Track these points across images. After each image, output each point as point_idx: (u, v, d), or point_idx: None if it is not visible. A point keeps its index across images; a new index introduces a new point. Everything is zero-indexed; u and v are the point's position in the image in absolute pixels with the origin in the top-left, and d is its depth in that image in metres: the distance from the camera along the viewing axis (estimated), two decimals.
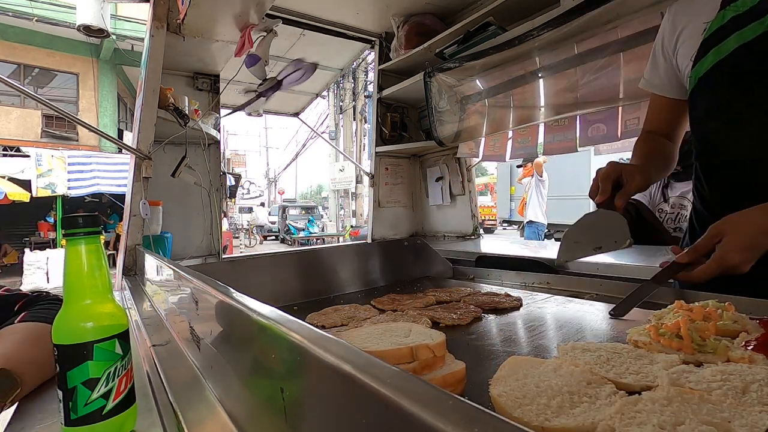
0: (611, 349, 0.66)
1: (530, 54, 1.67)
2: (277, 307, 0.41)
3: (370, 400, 0.24)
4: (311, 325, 0.36)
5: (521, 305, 1.11)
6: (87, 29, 5.16)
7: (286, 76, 1.73)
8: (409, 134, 2.57)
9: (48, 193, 7.95)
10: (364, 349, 0.38)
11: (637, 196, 1.99)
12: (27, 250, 7.83)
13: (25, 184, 8.02)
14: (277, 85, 1.73)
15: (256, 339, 0.42)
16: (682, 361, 0.61)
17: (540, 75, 1.72)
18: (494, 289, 1.34)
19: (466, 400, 0.21)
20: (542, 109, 1.74)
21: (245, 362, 0.45)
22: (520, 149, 2.15)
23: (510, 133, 2.16)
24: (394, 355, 0.61)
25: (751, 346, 0.61)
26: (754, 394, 0.48)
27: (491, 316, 1.04)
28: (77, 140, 10.23)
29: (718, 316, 0.72)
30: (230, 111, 2.08)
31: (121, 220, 8.68)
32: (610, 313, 0.93)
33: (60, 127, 9.93)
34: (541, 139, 2.02)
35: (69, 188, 8.04)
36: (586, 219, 1.00)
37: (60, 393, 0.46)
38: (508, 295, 1.18)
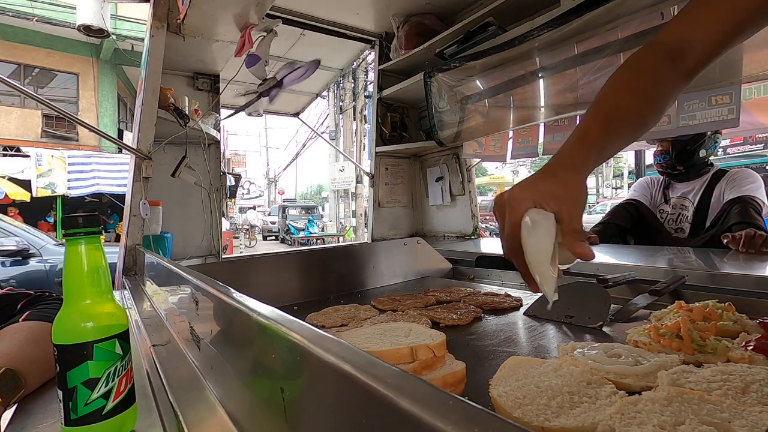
0: (611, 349, 0.66)
1: (530, 54, 1.67)
2: (277, 307, 0.41)
3: (370, 400, 0.24)
4: (311, 325, 0.36)
5: (521, 305, 1.11)
6: (87, 29, 5.16)
7: (287, 74, 1.73)
8: (409, 134, 2.57)
9: (48, 193, 7.94)
10: (365, 349, 0.38)
11: (636, 196, 1.99)
12: None
13: (25, 184, 8.02)
14: (279, 84, 1.73)
15: (256, 339, 0.42)
16: (682, 362, 0.61)
17: (540, 75, 1.72)
18: (494, 289, 1.34)
19: (466, 400, 0.21)
20: (542, 109, 1.74)
21: (245, 362, 0.45)
22: (521, 149, 2.15)
23: (510, 134, 2.17)
24: (394, 355, 0.61)
25: (751, 347, 0.61)
26: (754, 394, 0.48)
27: (491, 317, 1.04)
28: (77, 140, 10.22)
29: (718, 316, 0.72)
30: (233, 112, 2.07)
31: (121, 220, 8.68)
32: (610, 318, 0.92)
33: (60, 127, 9.92)
34: (541, 139, 2.02)
35: (69, 188, 8.03)
36: (577, 285, 1.02)
37: (60, 393, 0.46)
38: (508, 295, 1.18)
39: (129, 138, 2.80)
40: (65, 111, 1.52)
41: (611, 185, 20.87)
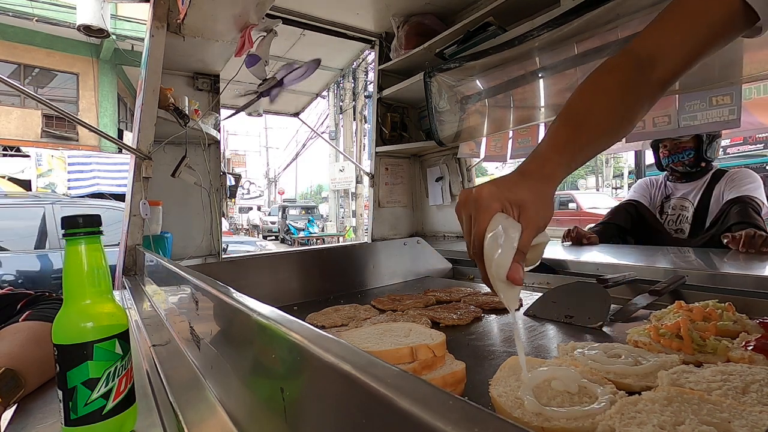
0: (611, 349, 0.66)
1: (530, 54, 1.67)
2: (276, 308, 0.41)
3: (370, 400, 0.24)
4: (311, 325, 0.36)
5: (521, 305, 1.11)
6: (87, 29, 5.16)
7: (287, 74, 1.73)
8: (409, 134, 2.57)
9: (48, 192, 7.95)
10: (364, 349, 0.38)
11: (636, 197, 1.99)
12: None
13: (25, 184, 8.02)
14: (279, 83, 1.73)
15: (256, 339, 0.42)
16: (682, 362, 0.61)
17: (540, 75, 1.72)
18: None
19: (466, 400, 0.21)
20: (542, 109, 1.74)
21: (245, 362, 0.45)
22: (521, 149, 2.15)
23: (510, 133, 2.16)
24: (394, 355, 0.61)
25: (751, 347, 0.61)
26: (754, 395, 0.48)
27: (491, 316, 1.04)
28: (77, 140, 10.22)
29: (718, 316, 0.72)
30: (233, 112, 2.07)
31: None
32: (610, 319, 0.92)
33: (60, 127, 9.92)
34: (541, 138, 2.02)
35: (69, 188, 8.03)
36: (577, 285, 1.02)
37: (60, 393, 0.46)
38: None
39: (129, 138, 2.80)
40: (65, 111, 1.52)
41: (611, 185, 20.88)
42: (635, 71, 0.60)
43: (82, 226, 0.48)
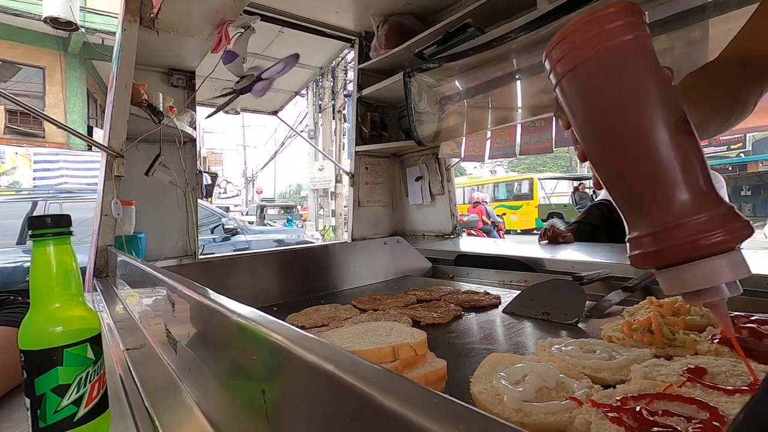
0: (587, 344, 0.68)
1: (508, 56, 1.70)
2: (256, 308, 0.40)
3: (354, 399, 0.24)
4: (291, 325, 0.36)
5: (500, 303, 1.13)
6: (54, 21, 4.95)
7: (266, 69, 1.70)
8: (388, 134, 2.57)
9: (12, 192, 7.59)
10: (346, 349, 0.38)
11: (607, 197, 2.05)
12: None
13: None
14: (257, 80, 1.70)
15: (235, 340, 0.41)
16: (653, 355, 0.63)
17: (517, 77, 1.74)
18: (473, 287, 1.35)
19: (450, 398, 0.21)
20: (519, 110, 1.77)
21: (224, 364, 0.44)
22: (499, 149, 2.18)
23: (489, 134, 2.19)
24: (376, 354, 0.61)
25: (717, 340, 0.64)
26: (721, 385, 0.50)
27: (471, 315, 1.05)
28: (44, 137, 9.79)
29: (686, 311, 0.75)
30: (213, 111, 2.02)
31: None
32: (585, 314, 0.95)
33: (25, 124, 9.49)
34: (518, 139, 2.06)
35: (35, 187, 7.70)
36: (553, 283, 1.05)
37: (27, 401, 0.44)
38: (487, 293, 1.20)
39: (100, 135, 2.70)
40: (30, 106, 1.45)
41: None
42: (732, 67, 0.56)
43: (50, 227, 0.46)
